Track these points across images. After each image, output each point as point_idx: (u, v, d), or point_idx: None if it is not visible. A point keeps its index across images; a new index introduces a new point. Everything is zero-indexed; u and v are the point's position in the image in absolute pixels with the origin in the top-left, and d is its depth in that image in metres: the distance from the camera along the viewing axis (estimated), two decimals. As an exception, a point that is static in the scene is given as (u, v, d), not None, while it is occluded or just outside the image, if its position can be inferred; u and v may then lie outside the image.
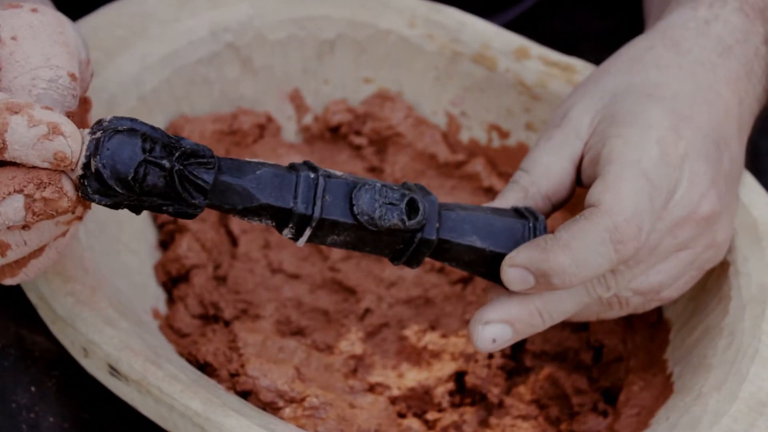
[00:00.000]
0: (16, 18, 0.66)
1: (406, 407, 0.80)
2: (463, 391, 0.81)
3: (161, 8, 0.85)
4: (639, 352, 0.81)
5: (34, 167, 0.62)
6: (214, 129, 0.85)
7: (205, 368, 0.77)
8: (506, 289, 0.72)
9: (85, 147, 0.62)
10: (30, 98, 0.64)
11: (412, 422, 0.79)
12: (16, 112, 0.61)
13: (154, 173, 0.62)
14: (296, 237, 0.68)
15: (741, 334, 0.75)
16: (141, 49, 0.83)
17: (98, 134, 0.62)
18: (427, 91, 0.89)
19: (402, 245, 0.70)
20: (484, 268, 0.72)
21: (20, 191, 0.62)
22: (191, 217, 0.65)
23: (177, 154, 0.63)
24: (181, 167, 0.63)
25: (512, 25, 0.97)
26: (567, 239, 0.70)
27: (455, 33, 0.87)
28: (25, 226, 0.64)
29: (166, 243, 0.84)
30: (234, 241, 0.84)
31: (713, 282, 0.78)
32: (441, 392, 0.80)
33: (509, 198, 0.74)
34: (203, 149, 0.64)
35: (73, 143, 0.62)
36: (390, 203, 0.68)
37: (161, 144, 0.63)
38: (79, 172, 0.62)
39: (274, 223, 0.67)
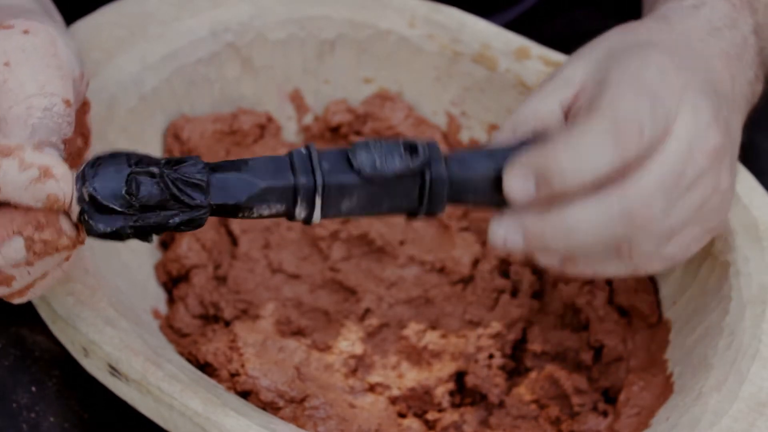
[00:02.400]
0: (8, 41, 0.65)
1: (407, 407, 0.80)
2: (463, 391, 0.81)
3: (161, 8, 0.85)
4: (639, 352, 0.81)
5: (30, 208, 0.62)
6: (214, 129, 0.85)
7: (206, 368, 0.77)
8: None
9: (74, 185, 0.62)
10: (26, 128, 0.63)
11: (413, 422, 0.79)
12: (8, 155, 0.61)
13: (146, 182, 0.62)
14: (310, 213, 0.67)
15: (741, 334, 0.75)
16: (141, 49, 0.83)
17: (82, 167, 0.63)
18: (428, 91, 0.89)
19: (417, 192, 0.68)
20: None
21: (19, 233, 0.62)
22: (199, 224, 0.64)
23: (163, 162, 0.63)
24: (171, 171, 0.63)
25: (512, 25, 0.97)
26: (567, 136, 0.67)
27: (455, 33, 0.87)
28: (28, 263, 0.64)
29: (166, 243, 0.84)
30: (234, 241, 0.85)
31: (714, 282, 0.78)
32: (441, 392, 0.80)
33: (499, 139, 0.72)
34: (188, 156, 0.64)
35: (65, 185, 0.62)
36: (388, 152, 0.67)
37: (145, 159, 0.63)
38: (77, 208, 0.63)
39: (283, 207, 0.66)
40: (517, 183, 0.68)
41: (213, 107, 0.86)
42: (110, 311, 0.73)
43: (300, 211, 0.67)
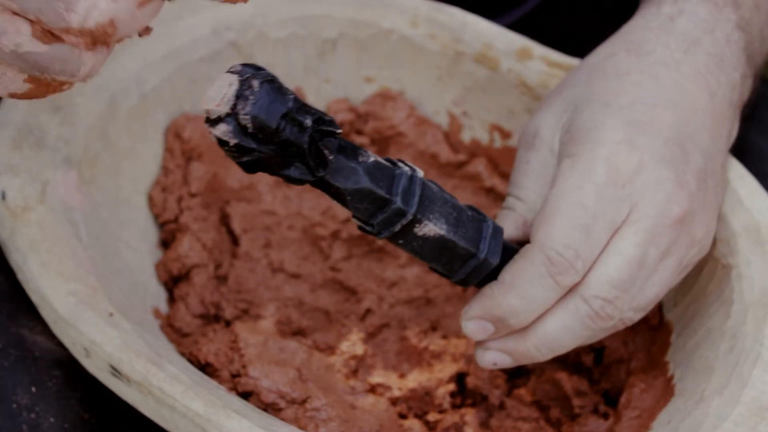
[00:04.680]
0: None
1: (407, 408, 0.80)
2: (464, 392, 0.81)
3: (163, 6, 0.85)
4: (640, 353, 0.81)
5: None
6: (215, 128, 0.85)
7: (206, 368, 0.77)
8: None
9: (235, 88, 0.62)
10: None
11: (413, 423, 0.79)
12: None
13: (292, 130, 0.63)
14: (384, 230, 0.69)
15: (743, 338, 0.75)
16: (142, 47, 0.83)
17: (247, 76, 0.62)
18: (429, 91, 0.89)
19: (464, 266, 0.72)
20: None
21: None
22: (296, 183, 0.65)
23: (315, 117, 0.64)
24: (317, 131, 0.64)
25: (514, 27, 0.97)
26: (510, 281, 0.72)
27: (457, 33, 0.87)
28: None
29: (167, 242, 0.83)
30: (235, 241, 0.84)
31: (715, 285, 0.78)
32: (442, 393, 0.80)
33: (508, 225, 0.76)
34: (332, 120, 0.65)
35: None
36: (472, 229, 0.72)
37: (300, 103, 0.63)
38: (225, 109, 0.62)
39: (369, 208, 0.68)
40: (475, 329, 0.74)
41: (214, 106, 0.86)
42: (112, 311, 0.72)
43: (379, 220, 0.68)
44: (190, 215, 0.83)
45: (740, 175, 0.80)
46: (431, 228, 0.70)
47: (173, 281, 0.82)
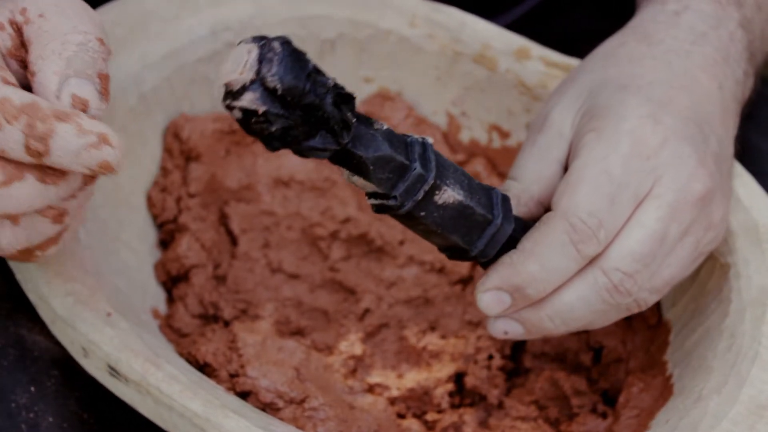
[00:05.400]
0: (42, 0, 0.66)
1: (406, 408, 0.80)
2: (462, 392, 0.81)
3: (162, 6, 0.85)
4: (639, 353, 0.81)
5: None
6: (214, 128, 0.85)
7: (205, 368, 0.77)
8: None
9: (256, 53, 0.61)
10: (61, 60, 0.64)
11: (412, 423, 0.79)
12: (63, 120, 0.61)
13: (316, 92, 0.62)
14: (407, 200, 0.67)
15: (741, 337, 0.75)
16: (141, 47, 0.83)
17: (265, 41, 0.61)
18: (428, 91, 0.89)
19: (481, 233, 0.71)
20: None
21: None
22: (320, 154, 0.63)
23: (334, 83, 0.63)
24: (337, 94, 0.63)
25: (513, 27, 0.97)
26: (530, 248, 0.71)
27: (456, 33, 0.87)
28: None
29: (165, 242, 0.84)
30: (234, 241, 0.84)
31: (713, 284, 0.78)
32: (440, 393, 0.80)
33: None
34: (344, 86, 0.64)
35: (120, 153, 0.62)
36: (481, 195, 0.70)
37: (316, 66, 0.63)
38: (250, 75, 0.61)
39: (392, 178, 0.66)
40: (491, 302, 0.72)
41: (213, 106, 0.86)
42: (110, 311, 0.73)
43: (401, 190, 0.67)
44: (188, 215, 0.83)
45: (739, 175, 0.80)
46: (450, 194, 0.69)
47: (172, 281, 0.82)
